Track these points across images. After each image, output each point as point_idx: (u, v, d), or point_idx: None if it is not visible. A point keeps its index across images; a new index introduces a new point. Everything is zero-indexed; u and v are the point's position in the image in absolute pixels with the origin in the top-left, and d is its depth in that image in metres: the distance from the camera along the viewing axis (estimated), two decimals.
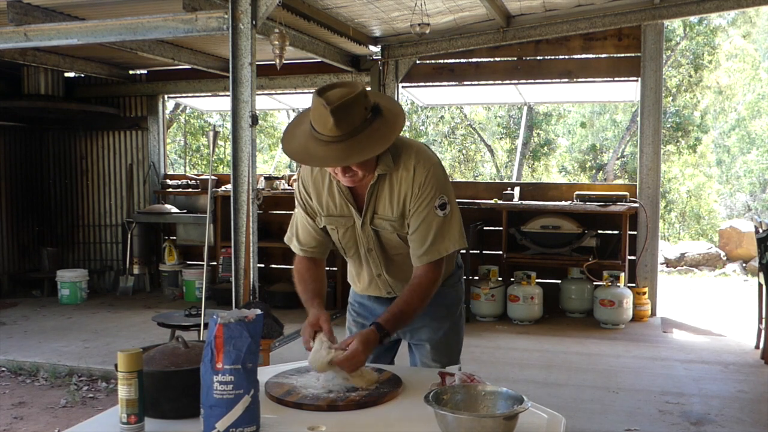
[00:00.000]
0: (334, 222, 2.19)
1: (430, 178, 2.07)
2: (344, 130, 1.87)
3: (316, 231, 2.24)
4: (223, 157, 14.35)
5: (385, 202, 2.11)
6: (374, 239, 2.18)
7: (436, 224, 2.08)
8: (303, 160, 2.02)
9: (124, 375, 1.58)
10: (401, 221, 2.12)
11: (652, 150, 6.79)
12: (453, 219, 2.13)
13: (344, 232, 2.20)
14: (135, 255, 8.13)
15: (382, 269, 2.25)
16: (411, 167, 2.07)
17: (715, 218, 15.77)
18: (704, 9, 6.62)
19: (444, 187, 2.11)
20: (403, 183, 2.08)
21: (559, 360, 5.36)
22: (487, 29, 6.95)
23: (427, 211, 2.08)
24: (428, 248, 2.09)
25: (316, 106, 1.89)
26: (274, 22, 5.12)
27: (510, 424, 1.53)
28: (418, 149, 2.11)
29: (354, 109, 1.88)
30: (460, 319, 2.43)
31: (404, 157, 2.07)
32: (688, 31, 13.58)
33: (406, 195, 2.08)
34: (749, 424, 4.02)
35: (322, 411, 1.74)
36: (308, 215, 2.22)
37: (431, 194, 2.07)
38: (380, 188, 2.10)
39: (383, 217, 2.13)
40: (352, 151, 1.89)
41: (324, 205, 2.18)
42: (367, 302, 2.42)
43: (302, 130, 1.98)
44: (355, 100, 1.88)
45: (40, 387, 4.90)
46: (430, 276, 2.12)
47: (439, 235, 2.09)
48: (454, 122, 16.46)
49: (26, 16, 4.95)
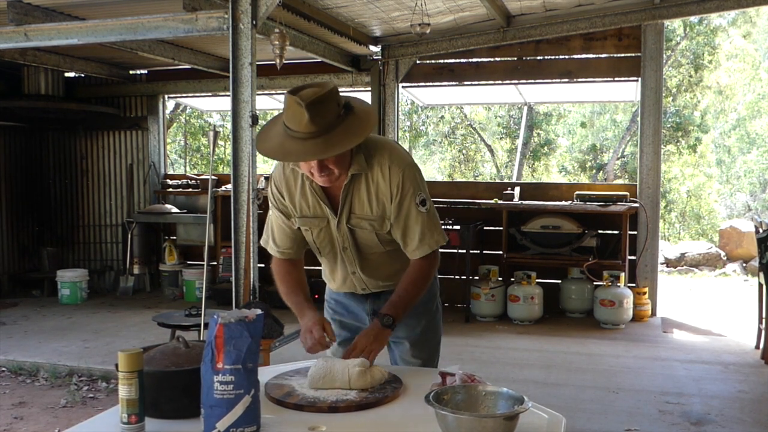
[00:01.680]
0: (308, 223, 2.22)
1: (406, 178, 2.11)
2: (319, 125, 1.90)
3: (292, 231, 2.27)
4: (223, 157, 14.35)
5: (363, 202, 2.14)
6: (349, 238, 2.21)
7: (421, 220, 2.15)
8: (279, 157, 2.06)
9: (125, 375, 1.58)
10: (381, 221, 2.16)
11: (652, 150, 6.79)
12: (434, 213, 2.20)
13: (318, 233, 2.23)
14: (135, 255, 8.13)
15: (357, 267, 2.28)
16: (386, 168, 2.10)
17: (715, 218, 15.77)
18: (704, 9, 6.61)
19: (420, 184, 2.16)
20: (379, 183, 2.11)
21: (559, 360, 5.36)
22: (487, 29, 6.95)
23: (409, 209, 2.13)
24: (419, 243, 2.17)
25: (290, 105, 1.92)
26: (274, 22, 5.12)
27: (510, 425, 1.53)
28: (391, 150, 2.14)
29: (327, 105, 1.92)
30: (436, 314, 2.48)
31: (377, 157, 2.11)
32: (688, 31, 13.58)
33: (384, 196, 2.12)
34: (749, 424, 4.02)
35: (322, 413, 1.74)
36: (284, 215, 2.25)
37: (410, 191, 2.12)
38: (355, 188, 2.13)
39: (362, 216, 2.16)
40: (327, 145, 1.92)
41: (297, 206, 2.20)
42: (343, 299, 2.45)
43: (276, 131, 2.01)
44: (327, 97, 1.92)
45: (40, 387, 4.90)
46: (425, 266, 2.20)
47: (427, 229, 2.16)
48: (454, 122, 16.45)
49: (26, 16, 4.95)
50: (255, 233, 4.45)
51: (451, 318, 6.60)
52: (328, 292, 2.51)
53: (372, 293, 2.36)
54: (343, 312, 2.45)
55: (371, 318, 2.37)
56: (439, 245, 2.21)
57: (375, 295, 2.36)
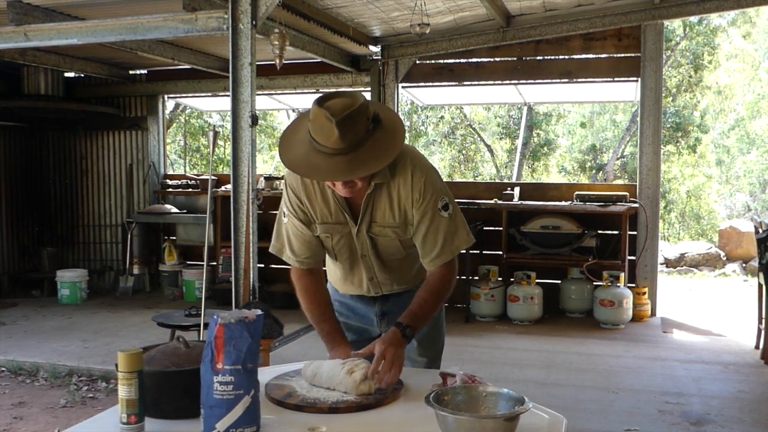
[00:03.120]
0: (330, 230, 2.16)
1: (428, 184, 2.07)
2: (348, 142, 1.83)
3: (310, 239, 2.18)
4: (223, 157, 14.35)
5: (384, 210, 2.10)
6: (368, 246, 2.17)
7: (443, 226, 2.10)
8: (307, 174, 1.95)
9: (125, 375, 1.58)
10: (404, 227, 2.12)
11: (652, 150, 6.79)
12: (458, 218, 2.14)
13: (339, 239, 2.18)
14: (135, 255, 8.13)
15: (375, 273, 2.25)
16: (408, 175, 2.05)
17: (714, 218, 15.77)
18: (704, 9, 6.61)
19: (442, 189, 2.11)
20: (401, 191, 2.07)
21: (559, 360, 5.36)
22: (487, 29, 6.95)
23: (432, 214, 2.08)
24: (440, 251, 2.11)
25: (318, 117, 1.83)
26: (274, 22, 5.12)
27: (511, 425, 1.53)
28: (412, 156, 2.09)
29: (357, 120, 1.84)
30: (441, 314, 2.46)
31: (400, 165, 2.05)
32: (688, 31, 13.58)
33: (407, 202, 2.08)
34: (749, 424, 4.02)
35: (323, 413, 1.74)
36: (303, 223, 2.16)
37: (433, 198, 2.07)
38: (377, 197, 2.08)
39: (384, 225, 2.12)
40: (357, 164, 1.85)
41: (318, 213, 2.14)
42: (349, 301, 2.40)
43: (300, 140, 1.93)
44: (358, 112, 1.84)
45: (40, 387, 4.90)
46: (445, 275, 2.15)
47: (449, 235, 2.11)
48: (454, 122, 16.45)
49: (26, 16, 4.95)
50: (255, 233, 4.45)
51: (451, 318, 6.54)
52: (333, 293, 2.46)
53: (381, 295, 2.33)
54: (349, 314, 2.41)
55: (380, 319, 2.35)
56: (461, 250, 2.16)
57: (384, 297, 2.33)
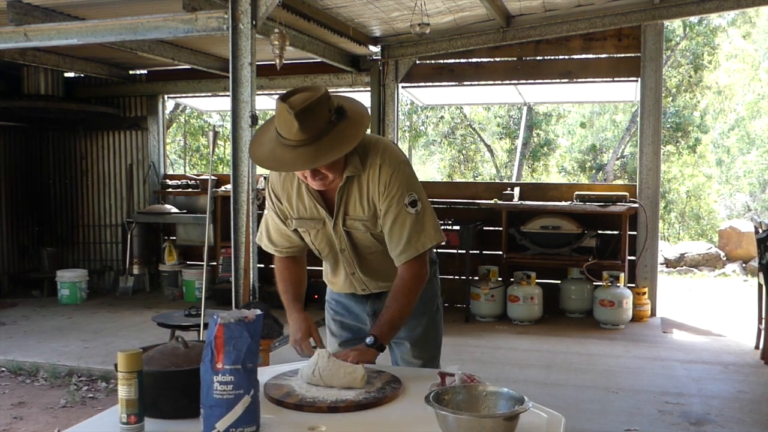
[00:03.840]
0: (305, 225, 2.21)
1: (395, 177, 2.08)
2: (309, 133, 1.88)
3: (286, 233, 2.28)
4: (222, 157, 14.35)
5: (355, 203, 2.13)
6: (346, 240, 2.20)
7: (409, 222, 2.10)
8: (271, 166, 2.03)
9: (124, 375, 1.58)
10: (374, 221, 2.14)
11: (652, 150, 6.79)
12: (426, 215, 2.13)
13: (316, 234, 2.22)
14: (135, 255, 8.13)
15: (356, 268, 2.27)
16: (377, 168, 2.08)
17: (714, 218, 15.76)
18: (704, 9, 6.61)
19: (412, 184, 2.12)
20: (370, 183, 2.10)
21: (559, 360, 5.36)
22: (487, 29, 6.95)
23: (398, 209, 2.09)
24: (405, 246, 2.11)
25: (281, 112, 1.90)
26: (274, 22, 5.12)
27: (510, 425, 1.53)
28: (384, 148, 2.12)
29: (317, 112, 1.89)
30: (437, 314, 2.46)
31: (371, 156, 2.09)
32: (688, 31, 13.58)
33: (374, 195, 2.10)
34: (749, 425, 4.02)
35: (322, 413, 1.74)
36: (279, 218, 2.26)
37: (399, 192, 2.08)
38: (349, 190, 2.12)
39: (355, 218, 2.15)
40: (318, 154, 1.90)
41: (294, 208, 2.20)
42: (344, 300, 2.44)
43: (269, 137, 1.99)
44: (317, 103, 1.89)
45: (39, 387, 4.90)
46: (413, 273, 2.13)
47: (414, 232, 2.10)
48: (454, 122, 16.45)
49: (26, 16, 4.95)
50: (255, 233, 4.45)
51: (450, 318, 6.59)
52: (329, 292, 2.51)
53: (372, 294, 2.36)
54: (344, 313, 2.45)
55: (372, 319, 2.37)
56: (426, 248, 2.13)
57: (375, 296, 2.36)
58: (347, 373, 1.88)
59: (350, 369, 1.90)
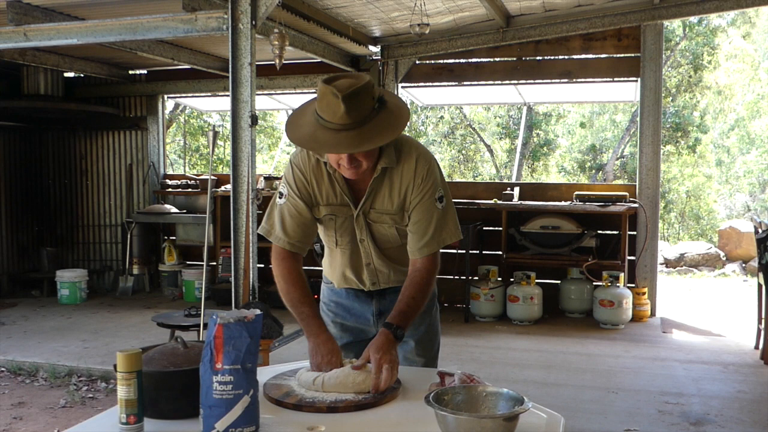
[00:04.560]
0: (336, 210, 2.18)
1: (430, 172, 2.12)
2: (354, 118, 1.87)
3: (307, 221, 2.18)
4: (222, 157, 14.35)
5: (384, 197, 2.13)
6: (367, 231, 2.20)
7: (436, 216, 2.13)
8: (313, 148, 2.01)
9: (124, 375, 1.58)
10: (401, 214, 2.15)
11: (652, 150, 6.79)
12: (449, 212, 2.18)
13: (342, 221, 2.20)
14: (135, 255, 8.13)
15: (372, 259, 2.26)
16: (413, 161, 2.10)
17: (714, 218, 15.77)
18: (704, 9, 6.62)
19: (441, 181, 2.16)
20: (404, 176, 2.11)
21: (559, 360, 5.36)
22: (487, 29, 6.96)
23: (429, 203, 2.12)
24: (429, 240, 2.13)
25: (325, 94, 1.88)
26: (273, 22, 5.12)
27: (510, 425, 1.53)
28: (417, 145, 2.17)
29: (363, 98, 1.89)
30: (437, 313, 2.47)
31: (405, 151, 2.11)
32: (688, 31, 13.58)
33: (408, 187, 2.11)
34: (749, 425, 4.02)
35: (321, 413, 1.74)
36: (305, 203, 2.16)
37: (432, 187, 2.12)
38: (381, 183, 2.12)
39: (382, 211, 2.15)
40: (363, 139, 1.89)
41: (324, 194, 2.17)
42: (344, 301, 2.39)
43: (307, 121, 1.97)
44: (363, 89, 1.89)
45: (39, 387, 4.90)
46: (429, 268, 2.15)
47: (438, 227, 2.14)
48: (454, 122, 16.46)
49: (26, 16, 4.95)
50: (254, 233, 4.45)
51: (450, 318, 6.60)
52: (327, 294, 2.44)
53: (378, 291, 2.32)
54: (345, 314, 2.39)
55: (377, 319, 2.33)
56: (447, 243, 2.16)
57: (380, 294, 2.33)
58: (356, 383, 1.85)
59: (360, 378, 1.86)
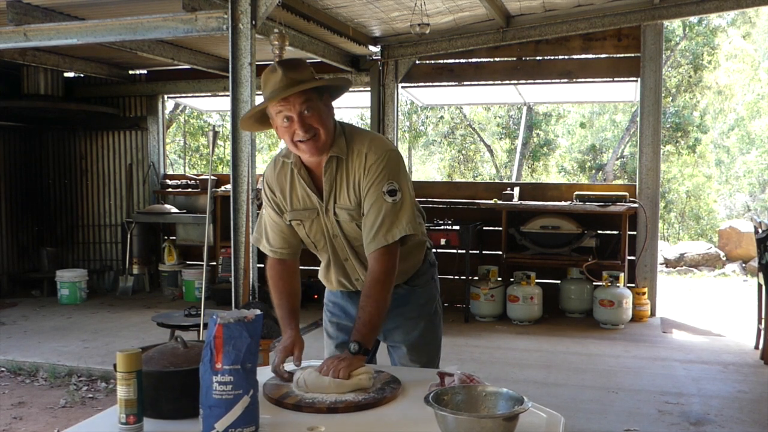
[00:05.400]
0: (300, 215, 2.21)
1: (379, 163, 2.08)
2: (291, 78, 1.99)
3: (284, 230, 2.25)
4: (222, 157, 14.34)
5: (344, 192, 2.13)
6: (337, 226, 2.19)
7: (384, 210, 2.07)
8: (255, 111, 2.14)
9: (123, 375, 1.58)
10: (359, 210, 2.13)
11: (652, 150, 6.79)
12: (404, 206, 2.09)
13: (310, 225, 2.22)
14: (134, 255, 8.13)
15: (348, 254, 2.24)
16: (363, 153, 2.10)
17: (714, 218, 15.77)
18: (704, 9, 6.62)
19: (395, 174, 2.10)
20: (356, 170, 2.11)
21: (559, 360, 5.36)
22: (487, 29, 6.95)
23: (376, 196, 2.08)
24: (375, 234, 2.07)
25: (266, 73, 2.04)
26: (273, 22, 5.12)
27: (510, 425, 1.53)
28: (372, 138, 2.16)
29: (301, 66, 2.04)
30: (435, 317, 2.41)
31: (357, 144, 2.11)
32: (688, 31, 13.58)
33: (360, 179, 2.10)
34: (749, 424, 4.02)
35: (321, 413, 1.74)
36: (276, 213, 2.25)
37: (379, 178, 2.07)
38: (338, 175, 2.12)
39: (342, 207, 2.15)
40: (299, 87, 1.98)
41: (289, 200, 2.20)
42: (339, 301, 2.42)
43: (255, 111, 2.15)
44: (301, 63, 2.05)
45: (39, 387, 4.90)
46: (382, 266, 2.07)
47: (387, 220, 2.07)
48: (454, 122, 16.46)
49: (26, 16, 4.95)
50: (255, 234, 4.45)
51: (450, 318, 6.60)
52: (327, 294, 2.49)
53: None
54: (340, 314, 2.43)
55: None
56: (396, 239, 2.06)
57: None
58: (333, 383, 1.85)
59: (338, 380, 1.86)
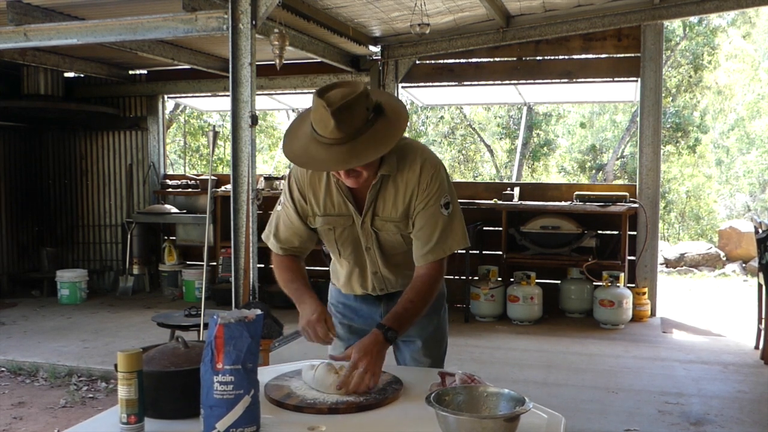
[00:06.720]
0: (333, 222, 2.15)
1: (435, 178, 2.07)
2: (345, 131, 1.84)
3: (300, 231, 2.19)
4: (222, 157, 14.34)
5: (388, 204, 2.09)
6: (374, 238, 2.16)
7: (441, 223, 2.09)
8: (304, 164, 1.98)
9: (124, 375, 1.58)
10: (405, 221, 2.11)
11: (652, 150, 6.79)
12: (456, 218, 2.13)
13: (341, 232, 2.17)
14: (135, 255, 8.13)
15: (379, 267, 2.23)
16: (417, 168, 2.06)
17: (714, 218, 15.77)
18: (704, 9, 6.62)
19: (448, 187, 2.12)
20: (408, 183, 2.07)
21: (559, 360, 5.36)
22: (487, 29, 6.95)
23: (434, 209, 2.07)
24: (433, 247, 2.09)
25: (317, 108, 1.85)
26: (273, 22, 5.11)
27: (511, 426, 1.53)
28: (422, 150, 2.12)
29: (355, 110, 1.84)
30: (444, 314, 2.46)
31: (410, 158, 2.07)
32: (688, 31, 13.58)
33: (412, 193, 2.07)
34: (749, 425, 4.02)
35: (322, 414, 1.74)
36: (298, 215, 2.17)
37: (437, 193, 2.07)
38: (384, 189, 2.08)
39: (386, 219, 2.11)
40: (353, 154, 1.86)
41: (322, 204, 2.14)
42: (353, 303, 2.38)
43: (303, 132, 1.95)
44: (356, 101, 1.84)
45: (39, 387, 4.90)
46: (433, 274, 2.11)
47: (443, 233, 2.09)
48: (454, 122, 16.45)
49: (26, 16, 4.95)
50: (255, 233, 4.45)
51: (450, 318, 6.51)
52: (335, 295, 2.44)
53: (386, 295, 2.30)
54: (353, 316, 2.38)
55: None
56: (452, 251, 2.12)
57: (389, 297, 2.30)
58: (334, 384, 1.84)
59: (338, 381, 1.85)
